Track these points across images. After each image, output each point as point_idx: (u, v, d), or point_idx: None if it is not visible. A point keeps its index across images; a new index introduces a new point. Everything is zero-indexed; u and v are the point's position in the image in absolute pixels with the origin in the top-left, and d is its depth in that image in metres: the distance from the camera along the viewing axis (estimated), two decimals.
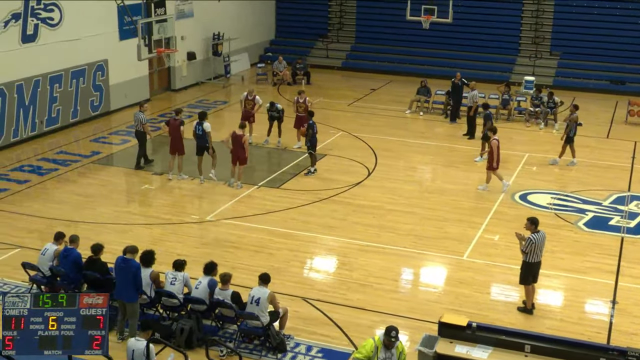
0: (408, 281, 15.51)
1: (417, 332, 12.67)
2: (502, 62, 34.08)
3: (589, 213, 18.77)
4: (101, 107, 26.62)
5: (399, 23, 33.94)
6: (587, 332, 13.25)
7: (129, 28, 26.35)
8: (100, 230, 17.20)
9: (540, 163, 22.66)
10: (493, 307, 14.23)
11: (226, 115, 26.80)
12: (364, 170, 21.52)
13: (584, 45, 33.56)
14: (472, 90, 25.37)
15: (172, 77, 30.89)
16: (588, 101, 30.46)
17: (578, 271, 15.25)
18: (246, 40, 35.23)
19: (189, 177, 20.51)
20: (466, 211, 18.69)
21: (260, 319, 12.26)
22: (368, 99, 30.47)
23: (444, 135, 25.64)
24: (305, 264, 16.10)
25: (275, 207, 18.76)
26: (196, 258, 15.14)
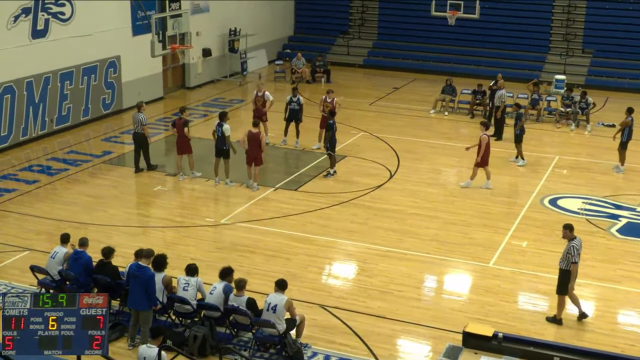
0: (431, 289, 15.47)
1: (441, 342, 12.64)
2: (532, 60, 33.92)
3: (622, 219, 18.64)
4: (113, 105, 26.79)
5: (423, 19, 33.93)
6: (619, 344, 13.16)
7: (143, 23, 26.51)
8: (111, 232, 17.31)
9: (570, 166, 22.53)
10: (520, 316, 14.16)
11: (243, 115, 26.87)
12: (385, 173, 21.51)
13: (617, 43, 33.33)
14: (499, 89, 25.27)
15: (186, 75, 31.04)
16: (622, 101, 30.20)
17: (610, 280, 15.14)
18: (264, 37, 35.32)
19: (202, 176, 20.59)
20: (492, 216, 18.63)
21: (277, 326, 12.28)
22: (390, 98, 30.46)
23: (470, 136, 25.50)
24: (323, 269, 16.11)
25: (292, 210, 18.79)
26: (210, 262, 15.20)
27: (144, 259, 12.67)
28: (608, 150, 23.94)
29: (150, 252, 12.81)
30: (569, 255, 13.44)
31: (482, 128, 20.55)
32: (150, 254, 12.79)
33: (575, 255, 13.42)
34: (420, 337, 13.43)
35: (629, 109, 22.53)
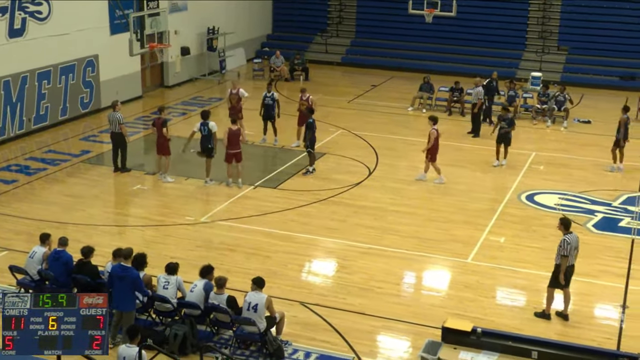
0: (410, 285, 15.51)
1: (420, 338, 12.67)
2: (508, 57, 34.10)
3: (598, 214, 18.78)
4: (91, 104, 26.61)
5: (400, 17, 33.98)
6: (596, 338, 13.26)
7: (121, 22, 26.36)
8: (90, 232, 17.19)
9: (547, 162, 22.67)
10: (499, 311, 14.23)
11: (222, 113, 26.71)
12: (364, 170, 21.53)
13: (592, 40, 33.59)
14: (476, 86, 25.38)
15: (165, 73, 30.90)
16: (597, 98, 30.53)
17: (587, 275, 15.25)
18: (242, 35, 35.23)
19: (179, 176, 20.49)
20: (471, 212, 18.70)
21: (257, 324, 12.26)
22: (369, 95, 30.50)
23: (448, 133, 25.57)
24: (303, 267, 16.10)
25: (272, 208, 18.76)
26: (190, 261, 15.14)
27: (125, 259, 12.62)
28: (584, 147, 24.17)
29: (129, 252, 12.77)
30: (560, 249, 13.53)
31: (430, 122, 20.60)
32: (130, 254, 12.74)
33: (564, 249, 13.48)
34: (400, 333, 13.46)
35: (624, 107, 22.60)
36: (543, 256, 16.11)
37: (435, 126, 20.42)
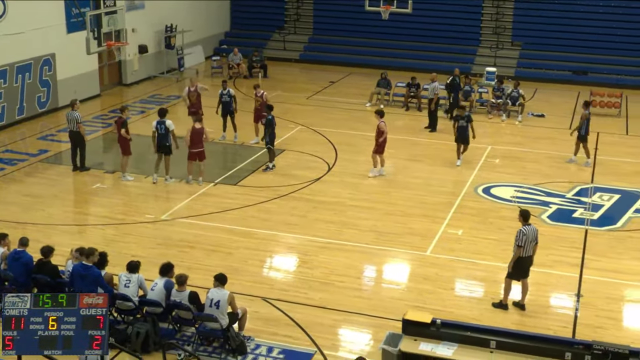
0: (371, 278, 15.59)
1: (381, 331, 12.74)
2: (463, 53, 34.37)
3: (552, 206, 19.05)
4: (49, 103, 26.24)
5: (357, 14, 34.00)
6: (552, 327, 13.46)
7: (77, 20, 26.01)
8: (50, 232, 16.97)
9: (502, 155, 22.92)
10: (457, 303, 14.37)
11: (180, 111, 26.55)
12: (324, 166, 21.56)
13: (545, 36, 34.00)
14: (432, 82, 25.56)
15: (123, 72, 30.57)
16: (550, 92, 30.95)
17: (542, 265, 15.45)
18: (200, 33, 35.01)
19: (139, 174, 20.33)
20: (429, 206, 18.84)
21: (219, 320, 12.22)
22: (327, 91, 30.52)
23: (405, 128, 25.79)
24: (264, 262, 16.08)
25: (232, 204, 18.70)
26: (151, 259, 15.02)
27: (86, 258, 12.50)
28: (538, 140, 24.48)
29: (91, 251, 12.67)
30: (516, 239, 13.70)
31: (377, 116, 20.74)
32: (92, 253, 12.64)
33: (520, 239, 13.63)
34: (361, 326, 13.52)
35: (585, 102, 22.86)
36: (500, 248, 16.32)
37: (383, 119, 20.54)
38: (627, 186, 20.47)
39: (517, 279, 13.96)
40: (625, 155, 23.06)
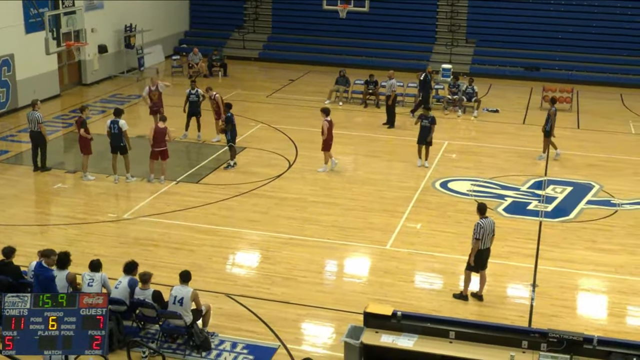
0: (332, 273, 15.62)
1: (343, 324, 12.78)
2: (420, 50, 34.62)
3: (507, 198, 19.28)
4: (8, 103, 25.80)
5: (315, 12, 34.04)
6: (509, 316, 13.63)
7: (36, 21, 25.62)
8: (11, 232, 16.70)
9: (459, 150, 23.13)
10: (417, 295, 14.48)
11: (141, 110, 26.36)
12: (284, 163, 21.54)
13: (498, 33, 34.43)
14: (390, 79, 25.68)
15: (83, 71, 30.18)
16: (504, 88, 31.30)
17: (499, 256, 15.64)
18: (160, 32, 34.72)
19: (99, 173, 20.11)
20: (388, 201, 18.93)
21: (183, 317, 12.16)
22: (287, 90, 30.49)
23: (364, 125, 25.89)
24: (227, 259, 16.03)
25: (195, 202, 18.60)
26: (114, 258, 14.88)
27: (45, 259, 12.36)
28: (493, 135, 24.75)
29: (50, 252, 12.52)
30: (473, 232, 13.83)
31: (322, 115, 20.79)
32: (51, 253, 12.48)
33: (477, 232, 13.79)
34: (323, 319, 13.55)
35: (551, 99, 23.08)
36: (458, 240, 16.48)
37: (328, 118, 20.60)
38: (579, 178, 20.80)
39: (475, 270, 14.11)
40: (576, 148, 23.42)
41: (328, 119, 20.57)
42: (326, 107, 21.54)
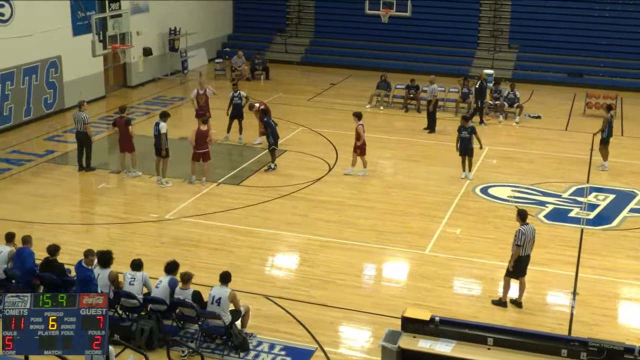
0: (370, 277, 15.57)
1: (381, 328, 12.72)
2: (461, 55, 34.38)
3: (549, 205, 19.03)
4: (55, 104, 26.23)
5: (357, 17, 34.02)
6: (548, 324, 13.45)
7: (83, 24, 26.02)
8: (56, 231, 16.95)
9: (500, 156, 22.91)
10: (455, 300, 14.36)
11: (184, 112, 26.61)
12: (324, 166, 21.54)
13: (542, 38, 33.99)
14: (431, 84, 25.54)
15: (128, 74, 30.56)
16: (546, 94, 30.93)
17: (539, 263, 15.44)
18: (203, 35, 35.01)
19: (143, 174, 20.30)
20: (428, 205, 18.82)
21: (222, 318, 12.21)
22: (328, 93, 30.51)
23: (404, 129, 25.79)
24: (266, 261, 16.06)
25: (235, 204, 18.68)
26: (155, 257, 15.03)
27: (85, 259, 12.56)
28: (534, 141, 24.47)
29: (89, 252, 12.68)
30: (515, 238, 13.68)
31: (355, 119, 20.68)
32: (89, 254, 12.66)
33: (519, 239, 13.63)
34: (361, 323, 13.50)
35: (607, 106, 22.72)
36: (498, 246, 16.32)
37: (360, 121, 20.50)
38: (622, 186, 20.46)
39: (515, 277, 13.95)
40: (620, 156, 23.00)
41: (362, 123, 20.47)
42: (359, 111, 21.30)
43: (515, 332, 11.58)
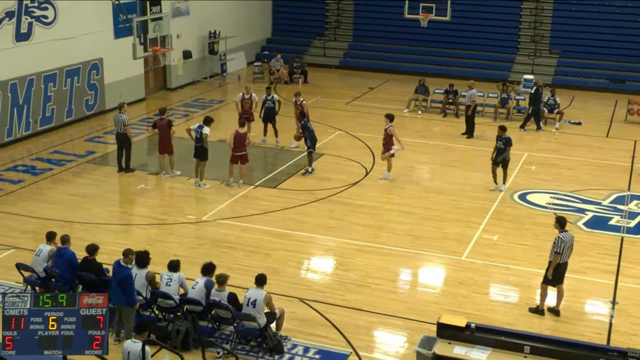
0: (406, 282, 15.51)
1: (416, 333, 12.68)
2: (501, 60, 34.07)
3: (588, 213, 18.78)
4: (96, 106, 26.59)
5: (396, 21, 33.94)
6: (586, 333, 13.27)
7: (124, 26, 26.31)
8: (95, 230, 17.18)
9: (539, 162, 22.66)
10: (492, 307, 14.24)
11: (222, 115, 26.78)
12: (361, 170, 21.53)
13: (583, 44, 33.58)
14: (470, 89, 25.38)
15: (167, 76, 30.86)
16: (588, 100, 30.54)
17: (577, 271, 15.26)
18: (243, 39, 35.22)
19: (181, 177, 20.47)
20: (465, 211, 18.70)
21: (257, 320, 12.26)
22: (366, 97, 30.48)
23: (442, 134, 25.66)
24: (302, 264, 16.10)
25: (272, 207, 18.75)
26: (192, 258, 15.14)
27: (124, 259, 12.65)
28: (574, 147, 24.17)
29: (128, 251, 12.76)
30: (554, 246, 13.54)
31: (387, 120, 20.51)
32: (129, 253, 12.74)
33: (558, 246, 13.49)
34: (396, 328, 13.46)
35: None
36: (535, 254, 16.15)
37: (391, 123, 20.41)
38: None
39: (553, 284, 13.80)
40: None
41: (392, 124, 20.42)
42: (390, 113, 21.09)
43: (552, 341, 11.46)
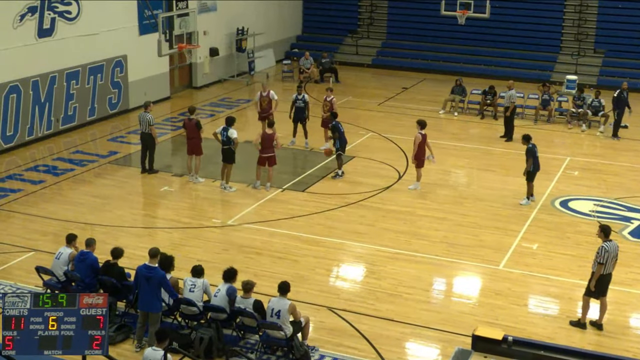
0: (440, 291, 15.44)
1: (450, 346, 12.62)
2: (543, 60, 33.84)
3: (634, 221, 18.57)
4: (119, 104, 26.83)
5: (432, 18, 33.90)
6: (631, 349, 13.12)
7: (149, 22, 26.55)
8: (117, 233, 17.32)
9: (582, 167, 22.46)
10: (530, 320, 14.12)
11: (250, 115, 26.89)
12: (394, 174, 21.47)
13: (630, 43, 33.21)
14: (509, 89, 25.22)
15: (193, 74, 31.05)
16: (635, 102, 30.11)
17: (622, 283, 15.08)
18: (271, 36, 35.34)
19: (206, 180, 20.56)
20: (503, 218, 18.57)
21: (284, 329, 12.26)
22: (399, 98, 30.43)
23: (480, 137, 25.52)
24: (331, 271, 16.09)
25: (300, 211, 18.78)
26: (217, 264, 15.19)
27: (152, 259, 12.65)
28: (619, 152, 23.91)
29: (155, 251, 12.76)
30: (597, 256, 13.39)
31: (417, 127, 20.20)
32: (156, 253, 12.75)
33: (602, 256, 13.33)
34: (429, 340, 13.40)
35: None
36: (577, 264, 16.00)
37: (422, 131, 20.04)
38: None
39: (595, 297, 13.64)
40: None
41: (422, 132, 20.03)
42: (422, 119, 20.74)
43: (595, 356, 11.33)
